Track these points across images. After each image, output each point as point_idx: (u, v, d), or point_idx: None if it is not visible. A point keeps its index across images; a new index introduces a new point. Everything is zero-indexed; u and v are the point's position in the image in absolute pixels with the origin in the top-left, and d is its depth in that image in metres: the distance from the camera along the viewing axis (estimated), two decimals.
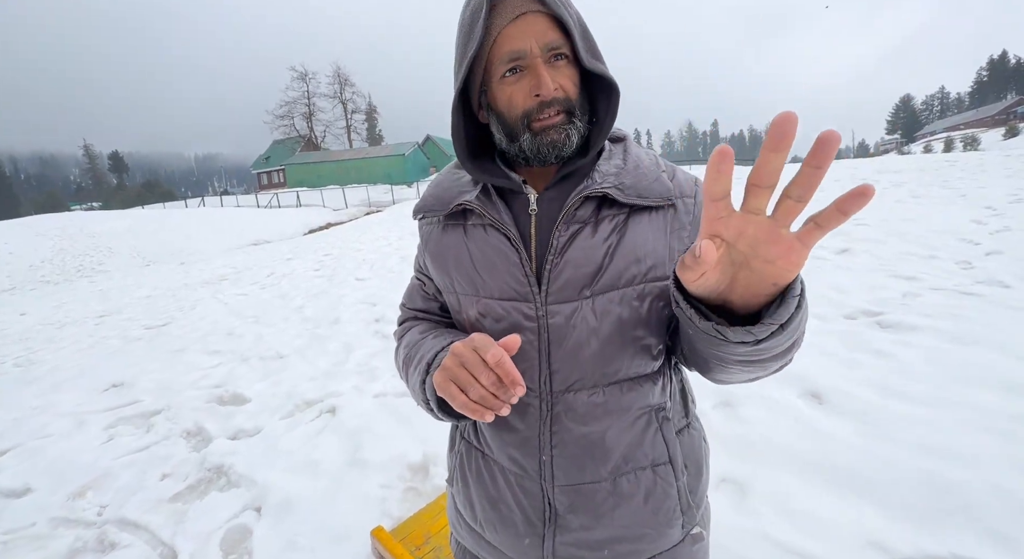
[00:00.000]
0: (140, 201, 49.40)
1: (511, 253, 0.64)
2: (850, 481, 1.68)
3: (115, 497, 2.13)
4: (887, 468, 1.69)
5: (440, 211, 0.70)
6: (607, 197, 0.63)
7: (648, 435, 0.68)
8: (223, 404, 2.95)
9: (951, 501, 1.51)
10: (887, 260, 3.93)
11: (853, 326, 2.84)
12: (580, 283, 0.62)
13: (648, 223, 0.64)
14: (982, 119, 52.70)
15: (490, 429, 0.71)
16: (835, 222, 0.37)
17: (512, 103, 0.62)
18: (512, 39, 0.59)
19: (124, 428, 2.80)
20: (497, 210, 0.66)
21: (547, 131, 0.61)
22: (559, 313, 0.63)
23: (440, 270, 0.72)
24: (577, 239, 0.63)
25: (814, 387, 2.23)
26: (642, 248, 0.63)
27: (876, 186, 8.00)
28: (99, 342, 4.81)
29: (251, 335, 4.26)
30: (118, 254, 15.21)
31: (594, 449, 0.66)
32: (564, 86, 0.61)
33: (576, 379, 0.65)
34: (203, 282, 7.88)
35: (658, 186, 0.65)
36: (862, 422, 1.95)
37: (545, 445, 0.66)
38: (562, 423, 0.66)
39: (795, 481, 1.72)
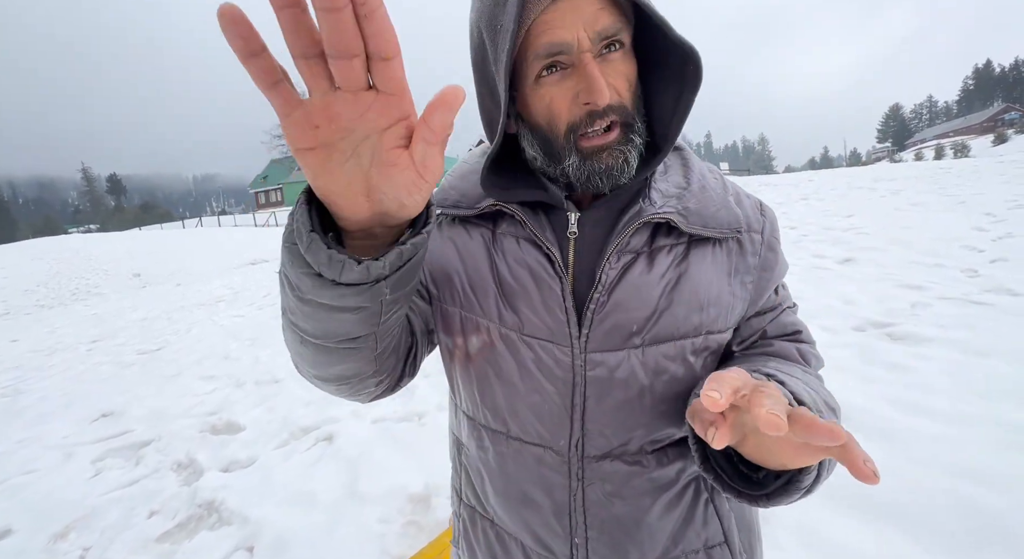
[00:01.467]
0: (138, 222, 49.52)
1: (552, 281, 0.51)
2: (876, 506, 1.59)
3: (100, 538, 2.01)
4: (915, 491, 1.60)
5: (465, 209, 0.55)
6: (665, 224, 0.52)
7: (698, 510, 0.56)
8: (216, 433, 2.84)
9: (988, 528, 1.42)
10: (892, 269, 3.88)
11: (864, 338, 2.77)
12: (629, 329, 0.50)
13: (712, 259, 0.53)
14: (970, 126, 53.57)
15: (503, 503, 0.57)
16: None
17: (553, 113, 0.48)
18: (552, 27, 0.44)
19: (113, 461, 2.68)
20: (540, 224, 0.52)
21: (599, 154, 0.47)
22: (602, 364, 0.51)
23: (446, 274, 0.57)
24: (629, 274, 0.51)
25: None
26: (706, 292, 0.52)
27: (874, 194, 8.00)
28: (91, 369, 4.70)
29: (247, 358, 4.16)
30: (114, 276, 15.11)
31: (638, 531, 0.54)
32: (619, 88, 0.47)
33: (616, 445, 0.53)
34: (199, 304, 7.78)
35: (725, 214, 0.53)
36: (884, 441, 1.87)
37: (577, 525, 0.54)
38: (597, 498, 0.54)
39: (816, 507, 1.63)
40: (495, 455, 0.57)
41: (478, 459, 0.59)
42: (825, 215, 6.60)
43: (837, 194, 8.36)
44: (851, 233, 5.27)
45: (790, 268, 3.58)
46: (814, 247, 4.94)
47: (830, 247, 4.84)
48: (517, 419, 0.55)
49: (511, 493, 0.56)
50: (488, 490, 0.59)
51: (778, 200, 8.67)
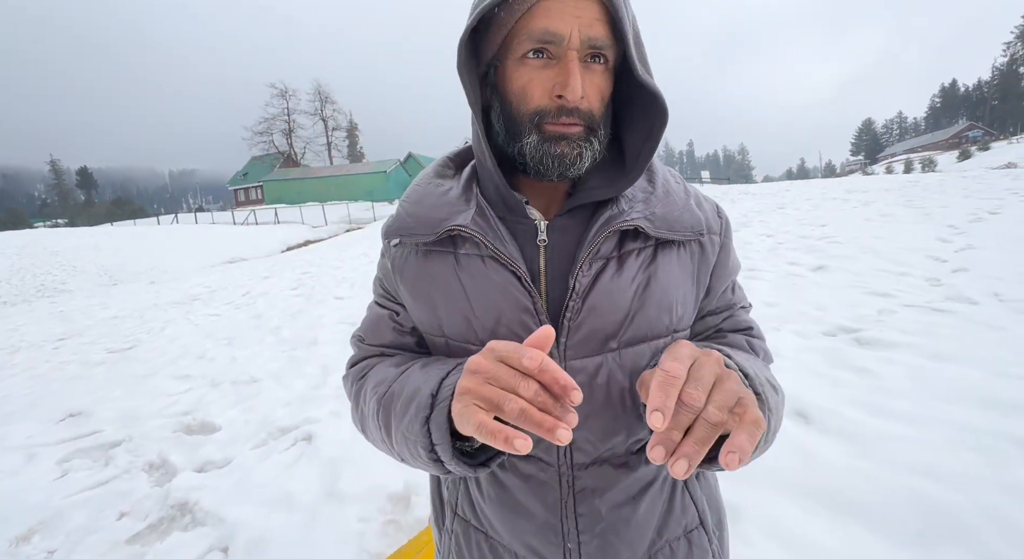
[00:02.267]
0: (109, 218, 47.83)
1: (522, 296, 0.52)
2: (840, 502, 1.65)
3: (66, 540, 1.95)
4: (877, 489, 1.67)
5: (423, 236, 0.55)
6: (633, 229, 0.54)
7: (677, 499, 0.60)
8: (191, 433, 2.78)
9: (944, 523, 1.49)
10: (862, 277, 4.03)
11: (833, 343, 2.88)
12: (605, 334, 0.52)
13: (676, 261, 0.56)
14: (937, 142, 55.92)
15: (498, 512, 0.59)
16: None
17: (527, 93, 0.49)
18: (551, 16, 0.46)
19: (80, 462, 2.60)
20: (500, 239, 0.53)
21: (558, 140, 0.49)
22: (582, 370, 0.52)
23: (424, 308, 0.58)
24: (601, 279, 0.52)
25: (800, 406, 2.22)
26: (673, 293, 0.55)
27: (846, 205, 8.21)
28: (57, 368, 4.53)
29: (224, 358, 4.08)
30: (83, 273, 14.57)
31: (627, 530, 0.56)
32: (591, 97, 0.50)
33: (603, 449, 0.55)
34: (174, 302, 7.58)
35: (688, 217, 0.56)
36: (849, 442, 1.95)
37: (570, 531, 0.56)
38: (589, 503, 0.55)
39: (786, 503, 1.69)
40: (494, 469, 0.58)
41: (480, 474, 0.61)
42: (800, 224, 6.81)
43: (812, 204, 8.63)
44: (824, 242, 5.45)
45: (766, 274, 3.65)
46: (789, 255, 5.09)
47: (804, 255, 5.00)
48: None
49: (505, 503, 0.58)
50: (483, 502, 0.60)
51: (756, 208, 8.91)
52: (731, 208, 9.33)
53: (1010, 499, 1.53)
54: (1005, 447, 1.76)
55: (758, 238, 6.16)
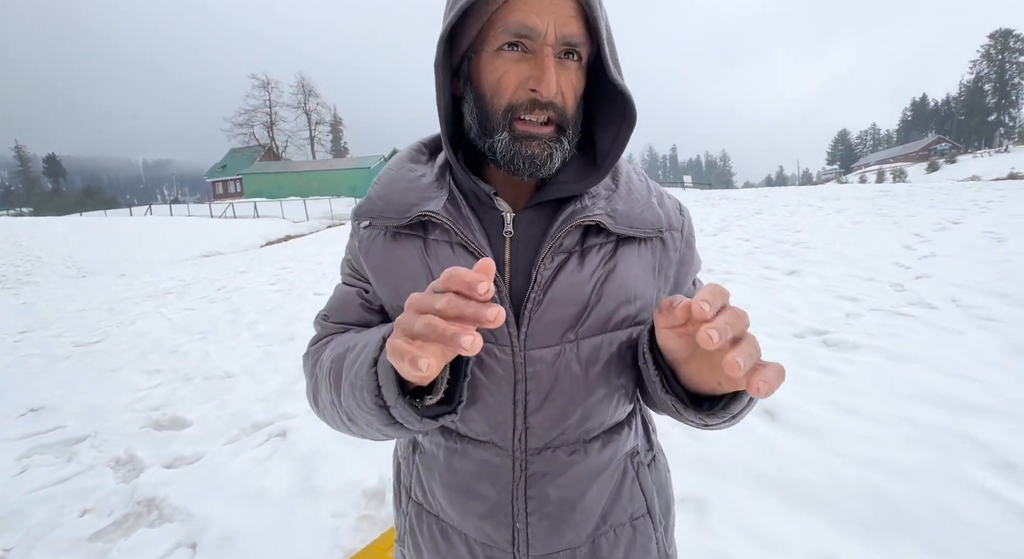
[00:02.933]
0: (78, 208, 46.08)
1: None
2: (804, 496, 1.72)
3: (24, 537, 1.89)
4: (837, 483, 1.75)
5: (394, 219, 0.56)
6: (595, 225, 0.55)
7: (626, 487, 0.62)
8: (160, 429, 2.71)
9: (895, 515, 1.57)
10: (832, 281, 4.17)
11: (802, 344, 2.98)
12: (564, 325, 0.54)
13: (637, 257, 0.58)
14: (908, 154, 58.08)
15: (449, 497, 0.60)
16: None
17: (501, 86, 0.50)
18: (528, 9, 0.47)
19: (41, 458, 2.51)
20: (470, 228, 0.54)
21: (529, 140, 0.50)
22: (540, 360, 0.54)
23: (386, 289, 0.59)
24: (562, 272, 0.54)
25: (768, 404, 2.30)
26: (632, 286, 0.56)
27: (820, 212, 8.43)
28: (18, 361, 4.36)
29: (197, 353, 3.99)
30: (48, 264, 14.00)
31: (574, 512, 0.58)
32: (566, 93, 0.50)
33: (556, 435, 0.57)
34: (146, 295, 7.36)
35: (650, 215, 0.58)
36: (813, 438, 2.02)
37: (519, 512, 0.58)
38: (539, 486, 0.57)
39: (753, 498, 1.75)
40: (445, 452, 0.60)
41: (430, 456, 0.62)
42: (776, 229, 7.00)
43: (788, 210, 8.88)
44: (799, 247, 5.62)
45: (742, 277, 3.75)
46: (765, 259, 5.24)
47: (779, 259, 5.15)
48: (465, 419, 0.57)
49: (456, 487, 0.59)
50: (435, 486, 0.61)
51: (735, 213, 9.12)
52: (712, 212, 9.53)
53: (957, 494, 1.62)
54: (955, 444, 1.86)
55: (736, 242, 6.31)
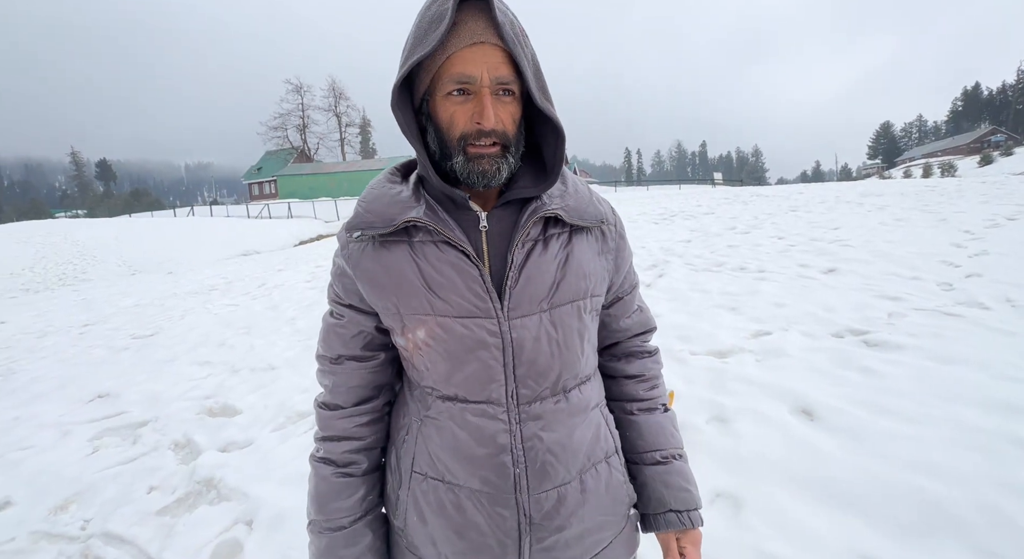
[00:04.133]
0: (127, 209, 48.76)
1: (471, 269, 0.65)
2: (841, 496, 1.71)
3: (100, 511, 2.07)
4: (877, 484, 1.72)
5: (383, 228, 0.66)
6: (553, 217, 0.69)
7: (601, 430, 0.75)
8: (213, 415, 2.90)
9: (939, 517, 1.54)
10: (873, 280, 4.03)
11: (841, 344, 2.91)
12: (539, 297, 0.67)
13: (586, 243, 0.72)
14: (958, 146, 54.69)
15: (454, 455, 0.69)
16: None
17: (453, 122, 0.63)
18: (466, 62, 0.60)
19: (110, 440, 2.73)
20: (449, 227, 0.66)
21: (480, 159, 0.63)
22: (522, 326, 0.66)
23: (378, 291, 0.69)
24: (532, 256, 0.67)
25: (804, 403, 2.27)
26: (586, 265, 0.71)
27: (860, 209, 8.08)
28: (83, 352, 4.71)
29: (242, 346, 4.21)
30: (103, 262, 14.95)
31: (564, 452, 0.69)
32: (504, 121, 0.63)
33: (542, 389, 0.68)
34: (192, 292, 7.77)
35: (593, 210, 0.73)
36: (852, 438, 1.99)
37: (519, 457, 0.67)
38: (532, 433, 0.67)
39: (788, 496, 1.75)
40: (448, 418, 0.69)
41: (434, 427, 0.70)
42: (812, 227, 6.79)
43: (825, 207, 8.58)
44: (836, 245, 5.44)
45: (776, 276, 3.70)
46: (800, 257, 5.10)
47: (815, 257, 5.00)
48: (464, 385, 0.67)
49: (461, 446, 0.68)
50: (440, 450, 0.70)
51: (768, 210, 8.87)
52: (743, 210, 9.31)
53: (1007, 496, 1.57)
54: (1005, 447, 1.80)
55: (769, 240, 6.16)
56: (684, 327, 3.41)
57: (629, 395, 0.84)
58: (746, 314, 3.57)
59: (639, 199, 14.84)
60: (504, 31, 0.59)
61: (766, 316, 3.47)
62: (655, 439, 0.81)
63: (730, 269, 4.91)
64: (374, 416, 0.77)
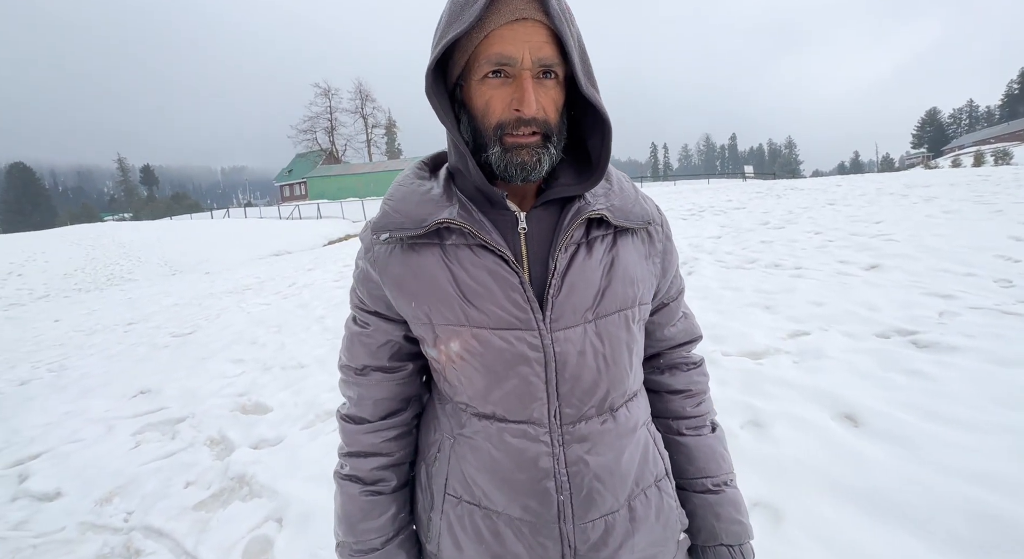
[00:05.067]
0: (169, 212, 51.14)
1: (510, 276, 0.59)
2: (890, 508, 1.60)
3: (141, 503, 2.16)
4: (930, 495, 1.60)
5: (412, 229, 0.60)
6: (597, 218, 0.63)
7: (649, 451, 0.69)
8: (246, 413, 2.98)
9: (999, 533, 1.42)
10: (921, 277, 3.80)
11: (886, 345, 2.74)
12: (583, 306, 0.61)
13: (632, 246, 0.66)
14: (1014, 132, 51.10)
15: (492, 479, 0.62)
16: None
17: (489, 109, 0.57)
18: (505, 41, 0.54)
19: (151, 434, 2.85)
20: (485, 229, 0.59)
21: (519, 150, 0.56)
22: (566, 340, 0.60)
23: (408, 298, 0.62)
24: (575, 261, 0.61)
25: (848, 408, 2.15)
26: (633, 270, 0.65)
27: (905, 200, 7.68)
28: (128, 349, 4.94)
29: (273, 344, 4.33)
30: (146, 263, 15.72)
31: (612, 477, 0.63)
32: (547, 108, 0.57)
33: (587, 408, 0.62)
34: (227, 291, 8.06)
35: (639, 210, 0.67)
36: (902, 446, 1.87)
37: (562, 483, 0.61)
38: (577, 456, 0.61)
39: (831, 507, 1.65)
40: (485, 438, 0.63)
41: (468, 447, 0.64)
42: (852, 221, 6.46)
43: (866, 200, 8.15)
44: (879, 240, 5.15)
45: (813, 273, 3.55)
46: (839, 252, 4.86)
47: (856, 253, 4.75)
48: (502, 403, 0.61)
49: (500, 470, 0.61)
50: (477, 474, 0.63)
51: (804, 204, 8.50)
52: (777, 204, 8.96)
53: None
54: None
55: (805, 235, 5.89)
56: (715, 326, 3.30)
57: (675, 412, 0.77)
58: (782, 313, 3.42)
59: (666, 194, 14.51)
60: (550, 6, 0.53)
61: (804, 315, 3.31)
62: (706, 464, 0.74)
63: (763, 266, 4.72)
64: (402, 430, 0.72)
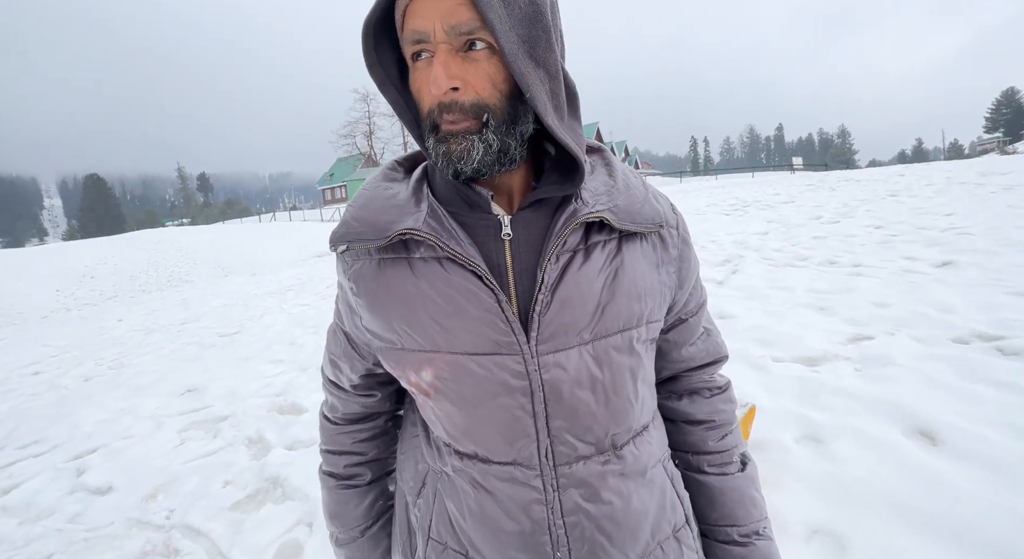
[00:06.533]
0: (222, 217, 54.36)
1: (484, 294, 0.50)
2: (979, 541, 1.39)
3: (182, 501, 2.21)
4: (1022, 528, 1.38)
5: (373, 241, 0.51)
6: (598, 221, 0.53)
7: (667, 495, 0.59)
8: (282, 413, 3.04)
9: None
10: (1003, 274, 3.39)
11: (966, 352, 2.44)
12: (577, 326, 0.51)
13: (640, 253, 0.56)
14: None
15: (479, 528, 0.54)
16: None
17: (421, 96, 0.50)
18: (416, 15, 0.46)
19: (195, 433, 2.95)
20: (455, 238, 0.51)
21: (447, 139, 0.48)
22: (556, 365, 0.50)
23: (380, 320, 0.55)
24: (569, 271, 0.51)
25: (923, 424, 1.91)
26: (641, 283, 0.55)
27: (981, 190, 7.00)
28: (179, 348, 5.20)
29: (311, 345, 4.42)
30: (202, 265, 16.71)
31: (619, 530, 0.53)
32: (475, 84, 0.47)
33: (584, 446, 0.52)
34: (270, 292, 8.39)
35: (649, 210, 0.56)
36: (990, 469, 1.63)
37: (559, 539, 0.52)
38: (576, 504, 0.52)
39: (907, 537, 1.45)
40: (468, 480, 0.55)
41: (457, 489, 0.56)
42: (918, 213, 5.92)
43: (934, 190, 7.47)
44: (951, 233, 4.68)
45: (875, 271, 3.23)
46: (904, 248, 4.44)
47: (924, 249, 4.33)
48: (484, 441, 0.53)
49: (486, 518, 0.53)
50: (463, 520, 0.55)
51: (861, 196, 7.90)
52: (830, 197, 8.38)
53: None
54: None
55: (864, 230, 5.44)
56: (763, 329, 3.06)
57: (695, 446, 0.66)
58: (839, 315, 3.14)
59: (707, 189, 13.94)
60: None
61: (865, 317, 3.02)
62: (732, 510, 0.63)
63: (817, 263, 4.39)
64: (376, 431, 0.71)
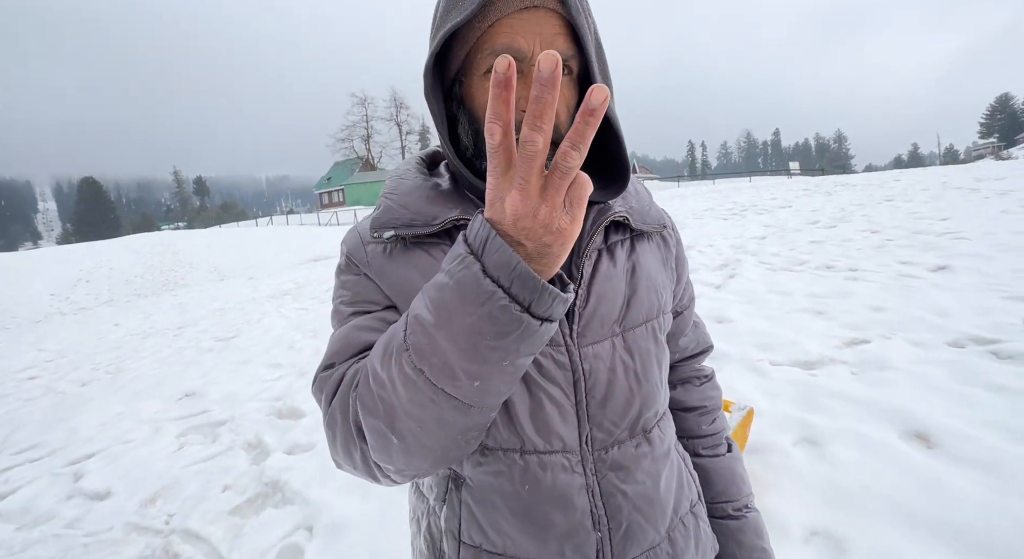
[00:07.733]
0: (218, 221, 54.25)
1: None
2: (975, 543, 1.40)
3: (181, 506, 2.20)
4: (1022, 530, 1.39)
5: (422, 227, 0.53)
6: (616, 222, 0.60)
7: (684, 475, 0.64)
8: (281, 417, 3.03)
9: None
10: (999, 278, 3.42)
11: (962, 355, 2.46)
12: (611, 318, 0.56)
13: (650, 250, 0.63)
14: None
15: (520, 523, 0.53)
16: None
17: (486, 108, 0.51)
18: (514, 32, 0.47)
19: (194, 437, 2.93)
20: None
21: None
22: (595, 356, 0.54)
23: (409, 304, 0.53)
24: (599, 268, 0.57)
25: (920, 427, 1.93)
26: (655, 277, 0.61)
27: (975, 195, 7.08)
28: (176, 352, 5.18)
29: (309, 349, 4.41)
30: (197, 269, 16.64)
31: (652, 508, 0.57)
32: (558, 109, 0.49)
33: (619, 431, 0.56)
34: (268, 296, 8.36)
35: (655, 212, 0.64)
36: (987, 473, 1.65)
37: (600, 518, 0.54)
38: (614, 487, 0.55)
39: (906, 540, 1.46)
40: (509, 476, 0.54)
41: (490, 488, 0.55)
42: (914, 218, 5.97)
43: (929, 195, 7.53)
44: (946, 238, 4.72)
45: (872, 275, 3.26)
46: (901, 252, 4.48)
47: (920, 253, 4.37)
48: (530, 431, 0.54)
49: (529, 511, 0.54)
50: (501, 519, 0.55)
51: (857, 201, 7.96)
52: (827, 202, 8.44)
53: None
54: None
55: (860, 235, 5.49)
56: (762, 333, 3.08)
57: (690, 431, 0.74)
58: (837, 319, 3.16)
59: (705, 194, 14.01)
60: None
61: (862, 321, 3.05)
62: (725, 488, 0.71)
63: (814, 268, 4.42)
64: None
